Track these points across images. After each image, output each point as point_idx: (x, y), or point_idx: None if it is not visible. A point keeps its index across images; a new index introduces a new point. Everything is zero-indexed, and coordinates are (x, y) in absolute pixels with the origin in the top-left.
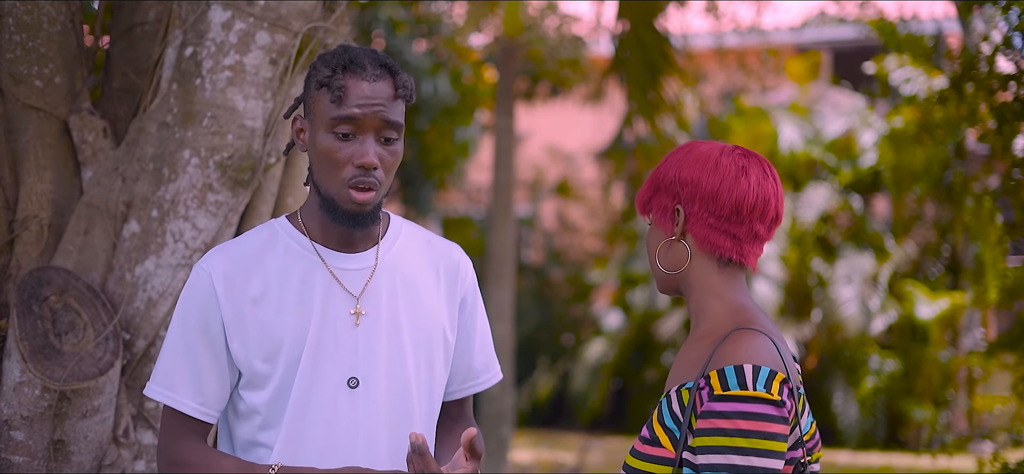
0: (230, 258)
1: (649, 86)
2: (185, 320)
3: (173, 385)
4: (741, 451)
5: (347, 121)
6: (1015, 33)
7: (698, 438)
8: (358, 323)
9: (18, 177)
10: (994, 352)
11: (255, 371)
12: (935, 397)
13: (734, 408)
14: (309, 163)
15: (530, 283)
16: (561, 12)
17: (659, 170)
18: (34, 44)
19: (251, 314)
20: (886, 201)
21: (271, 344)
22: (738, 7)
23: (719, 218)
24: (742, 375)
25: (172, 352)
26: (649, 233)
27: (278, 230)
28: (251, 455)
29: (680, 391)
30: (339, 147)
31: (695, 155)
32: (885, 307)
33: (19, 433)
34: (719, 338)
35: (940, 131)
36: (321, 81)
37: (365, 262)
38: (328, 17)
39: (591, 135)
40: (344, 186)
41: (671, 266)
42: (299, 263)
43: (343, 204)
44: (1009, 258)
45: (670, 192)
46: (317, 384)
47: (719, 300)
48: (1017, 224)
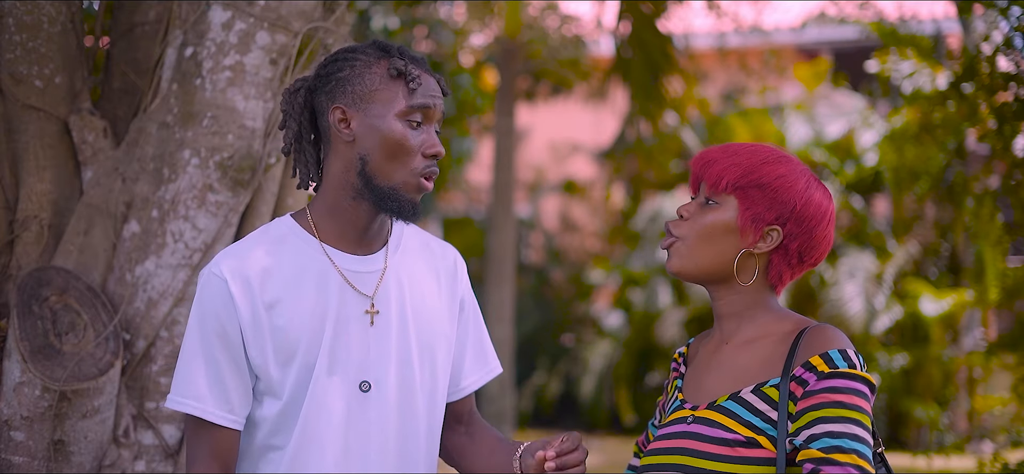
0: (242, 263)
1: (650, 86)
2: (203, 328)
3: (199, 395)
4: (857, 423)
5: (421, 109)
6: (1015, 33)
7: (808, 414)
8: (372, 323)
9: (18, 177)
10: (994, 352)
11: (271, 377)
12: (937, 397)
13: (847, 384)
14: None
15: (530, 283)
16: (561, 12)
17: (769, 178)
18: (34, 44)
19: (267, 319)
20: (886, 201)
21: (287, 349)
22: (739, 7)
23: (802, 266)
24: (848, 357)
25: (192, 362)
26: (712, 211)
27: (285, 232)
28: (264, 460)
29: (760, 390)
30: (411, 135)
31: (818, 198)
32: (888, 306)
33: (19, 433)
34: (785, 337)
35: (940, 131)
36: (398, 69)
37: (375, 264)
38: (328, 17)
39: (591, 135)
40: (414, 174)
41: (723, 263)
42: (312, 265)
43: (408, 192)
44: (1009, 258)
45: (776, 211)
46: (331, 388)
47: (766, 310)
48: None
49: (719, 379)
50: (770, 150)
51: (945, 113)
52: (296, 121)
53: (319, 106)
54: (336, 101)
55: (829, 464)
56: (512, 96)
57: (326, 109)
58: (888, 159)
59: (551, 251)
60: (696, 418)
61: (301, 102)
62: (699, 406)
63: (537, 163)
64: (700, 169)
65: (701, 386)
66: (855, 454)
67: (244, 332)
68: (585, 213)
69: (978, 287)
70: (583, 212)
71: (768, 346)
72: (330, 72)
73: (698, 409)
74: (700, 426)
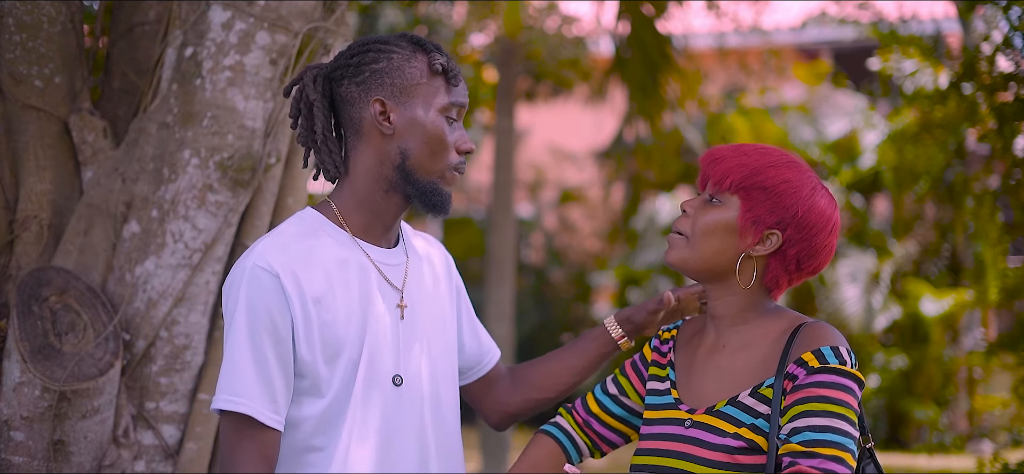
0: (288, 255)
1: (649, 86)
2: (252, 325)
3: (251, 394)
4: (841, 417)
5: (458, 107)
6: (1015, 33)
7: (794, 408)
8: (403, 317)
9: (18, 177)
10: (994, 352)
11: (318, 374)
12: (936, 397)
13: (833, 379)
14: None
15: (530, 283)
16: (561, 12)
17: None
18: (34, 44)
19: (315, 315)
20: (887, 201)
21: (334, 345)
22: (739, 7)
23: (800, 274)
24: (839, 354)
25: (241, 360)
26: (715, 209)
27: (316, 224)
28: (302, 461)
29: (758, 391)
30: (448, 131)
31: (822, 206)
32: (887, 305)
33: (19, 433)
34: (780, 336)
35: (941, 131)
36: (442, 65)
37: (399, 258)
38: (328, 17)
39: (591, 135)
40: (450, 168)
41: (722, 261)
42: (351, 258)
43: (446, 185)
44: (1009, 258)
45: (777, 215)
46: (369, 385)
47: (761, 313)
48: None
49: (717, 383)
50: (780, 154)
51: (945, 113)
52: (322, 110)
53: (347, 96)
54: (374, 93)
55: (809, 457)
56: (512, 96)
57: (358, 100)
58: (888, 159)
59: (551, 251)
60: (695, 423)
61: (322, 91)
62: (697, 410)
63: (537, 163)
64: (707, 166)
65: (697, 389)
66: (836, 446)
67: (296, 328)
68: (585, 213)
69: (978, 287)
70: (583, 212)
71: (764, 346)
72: (362, 62)
73: (696, 413)
74: (700, 432)
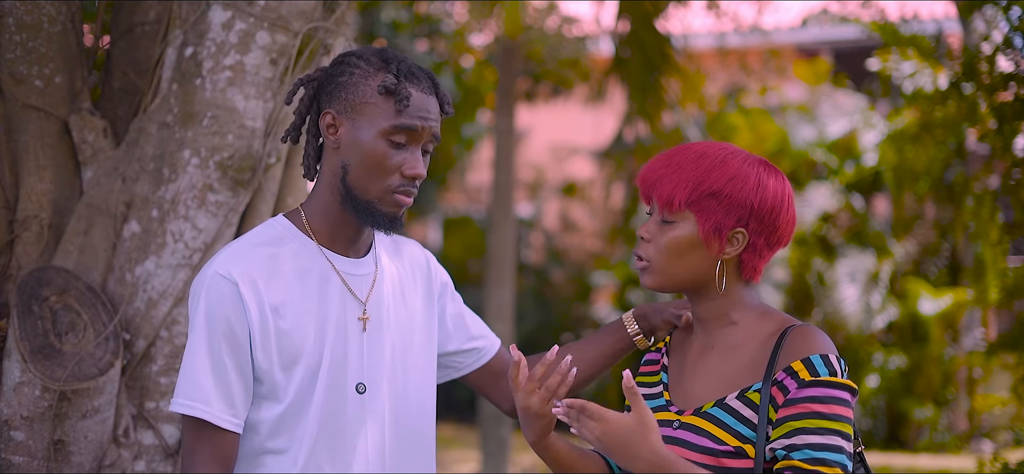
0: (249, 263)
1: (649, 86)
2: (210, 331)
3: (206, 398)
4: (838, 433)
5: (406, 131)
6: (1015, 33)
7: (788, 423)
8: (365, 329)
9: (18, 177)
10: (994, 352)
11: (275, 381)
12: (936, 396)
13: (828, 393)
14: (333, 161)
15: (530, 283)
16: (561, 12)
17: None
18: (34, 44)
19: (273, 322)
20: (887, 201)
21: (291, 353)
22: (739, 7)
23: (771, 251)
24: (830, 364)
25: (198, 364)
26: (672, 229)
27: (283, 232)
28: (259, 463)
29: (744, 395)
30: (391, 154)
31: (772, 186)
32: (886, 305)
33: (19, 433)
34: (768, 339)
35: (940, 131)
36: (388, 87)
37: (367, 268)
38: (328, 17)
39: (591, 135)
40: (389, 191)
41: (697, 274)
42: (313, 268)
43: (385, 207)
44: (1009, 258)
45: (735, 215)
46: (331, 391)
47: (747, 308)
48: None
49: (706, 384)
50: (714, 152)
51: (945, 113)
52: (301, 115)
53: (320, 103)
54: (328, 105)
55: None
56: (512, 96)
57: (322, 109)
58: (888, 159)
59: (551, 251)
60: (682, 424)
61: (309, 95)
62: (685, 411)
63: (537, 163)
64: (648, 188)
65: (687, 390)
66: (835, 465)
67: (253, 335)
68: (585, 213)
69: (978, 287)
70: (583, 212)
71: (752, 349)
72: (332, 74)
73: (684, 414)
74: (686, 433)
